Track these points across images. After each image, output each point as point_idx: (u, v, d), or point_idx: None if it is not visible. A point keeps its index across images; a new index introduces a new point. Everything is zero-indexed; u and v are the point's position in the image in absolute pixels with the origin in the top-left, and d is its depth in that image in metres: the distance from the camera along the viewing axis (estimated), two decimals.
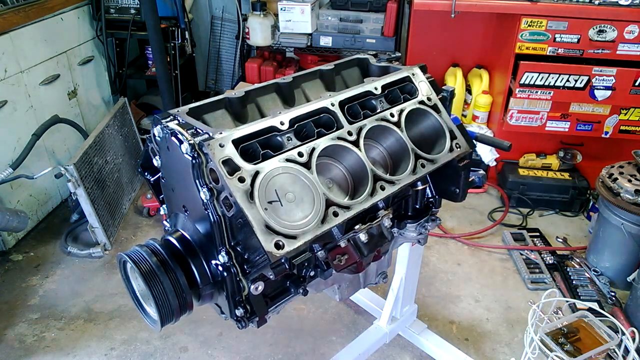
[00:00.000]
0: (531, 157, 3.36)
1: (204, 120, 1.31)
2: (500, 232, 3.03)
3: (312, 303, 2.47)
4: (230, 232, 1.13)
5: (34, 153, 2.74)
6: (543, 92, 2.99)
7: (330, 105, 1.29)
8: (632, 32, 2.78)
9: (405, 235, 1.60)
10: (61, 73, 3.12)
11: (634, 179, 2.39)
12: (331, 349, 2.24)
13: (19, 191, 2.84)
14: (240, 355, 2.22)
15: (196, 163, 1.08)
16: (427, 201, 1.57)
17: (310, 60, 3.82)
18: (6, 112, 2.70)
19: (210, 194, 1.09)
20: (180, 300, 1.17)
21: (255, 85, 1.44)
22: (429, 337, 2.17)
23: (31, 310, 2.44)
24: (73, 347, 2.25)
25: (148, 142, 1.30)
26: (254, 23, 3.52)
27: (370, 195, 1.23)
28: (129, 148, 3.40)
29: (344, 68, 1.64)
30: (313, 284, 1.39)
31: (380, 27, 3.43)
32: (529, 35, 2.89)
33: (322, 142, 1.22)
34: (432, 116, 1.45)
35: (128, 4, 3.45)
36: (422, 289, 2.55)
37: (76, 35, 3.29)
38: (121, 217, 3.10)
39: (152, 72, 3.51)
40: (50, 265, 2.74)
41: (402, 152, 1.36)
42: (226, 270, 1.14)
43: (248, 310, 1.21)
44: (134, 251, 1.19)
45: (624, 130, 3.08)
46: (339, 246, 1.27)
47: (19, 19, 2.73)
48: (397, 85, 1.47)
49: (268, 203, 1.07)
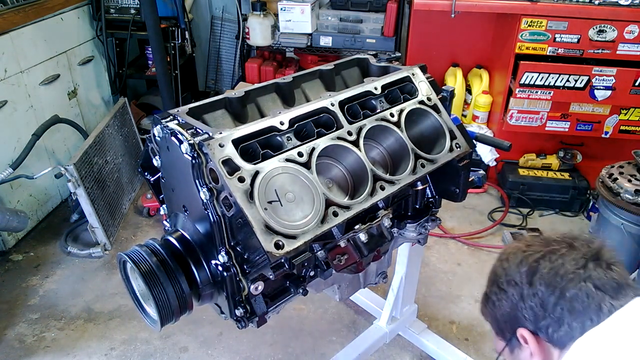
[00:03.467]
0: (531, 157, 3.36)
1: (204, 120, 1.31)
2: (500, 232, 3.03)
3: (312, 303, 2.47)
4: (230, 232, 1.13)
5: (34, 153, 2.74)
6: (543, 92, 2.99)
7: (330, 105, 1.29)
8: (632, 32, 2.78)
9: (405, 235, 1.60)
10: (61, 73, 3.12)
11: (634, 179, 2.39)
12: (331, 349, 2.24)
13: (19, 191, 2.84)
14: (240, 355, 2.22)
15: (196, 163, 1.08)
16: (427, 201, 1.57)
17: (310, 60, 3.82)
18: (6, 112, 2.69)
19: (210, 194, 1.09)
20: (180, 300, 1.17)
21: (255, 85, 1.44)
22: (429, 337, 2.17)
23: (31, 310, 2.44)
24: (73, 347, 2.25)
25: (148, 142, 1.30)
26: (254, 23, 3.52)
27: (370, 195, 1.23)
28: (129, 148, 3.40)
29: (344, 68, 1.64)
30: (313, 284, 1.39)
31: (380, 27, 3.43)
32: (529, 35, 2.88)
33: (322, 142, 1.22)
34: (432, 116, 1.45)
35: (128, 4, 3.45)
36: (422, 289, 2.55)
37: (76, 35, 3.29)
38: (121, 217, 3.10)
39: (152, 72, 3.50)
40: (50, 265, 2.74)
41: (402, 152, 1.36)
42: (226, 270, 1.14)
43: (248, 310, 1.21)
44: (133, 251, 1.19)
45: (624, 130, 3.08)
46: (338, 246, 1.27)
47: (19, 19, 2.73)
48: (397, 85, 1.47)
49: (268, 203, 1.07)
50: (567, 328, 0.91)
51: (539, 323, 0.94)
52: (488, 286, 1.07)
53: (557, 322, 0.92)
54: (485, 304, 1.08)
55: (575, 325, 0.90)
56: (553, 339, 0.93)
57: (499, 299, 1.01)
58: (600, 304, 0.90)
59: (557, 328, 0.92)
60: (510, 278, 0.99)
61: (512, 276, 0.99)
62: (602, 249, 0.96)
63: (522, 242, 1.04)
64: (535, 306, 0.94)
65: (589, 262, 0.93)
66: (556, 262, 0.95)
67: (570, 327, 0.91)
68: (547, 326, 0.93)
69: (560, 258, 0.95)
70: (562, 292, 0.92)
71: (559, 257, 0.95)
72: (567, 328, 0.91)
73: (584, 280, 0.91)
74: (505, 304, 1.00)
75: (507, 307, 1.00)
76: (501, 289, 1.01)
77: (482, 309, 1.10)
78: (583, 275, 0.92)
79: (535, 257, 0.97)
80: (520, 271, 0.98)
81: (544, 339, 0.94)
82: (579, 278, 0.92)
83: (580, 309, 0.90)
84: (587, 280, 0.91)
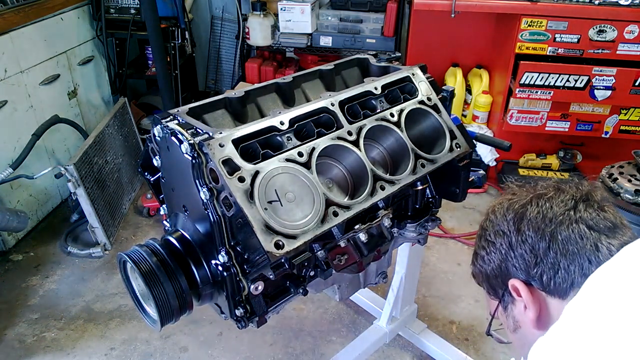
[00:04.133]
0: (531, 157, 3.36)
1: (204, 120, 1.31)
2: None
3: (312, 303, 2.47)
4: (230, 232, 1.13)
5: (34, 153, 2.74)
6: (543, 92, 2.99)
7: (330, 105, 1.29)
8: (632, 32, 2.78)
9: (405, 235, 1.60)
10: (61, 73, 3.12)
11: (634, 179, 2.39)
12: (331, 349, 2.24)
13: (19, 191, 2.84)
14: (240, 355, 2.22)
15: (196, 163, 1.08)
16: (427, 201, 1.57)
17: (310, 60, 3.82)
18: (6, 112, 2.69)
19: (210, 193, 1.09)
20: (180, 300, 1.17)
21: (255, 85, 1.44)
22: (429, 337, 2.17)
23: (31, 310, 2.44)
24: (73, 347, 2.25)
25: (148, 142, 1.30)
26: (254, 23, 3.52)
27: (370, 195, 1.23)
28: (129, 148, 3.40)
29: (344, 68, 1.64)
30: (313, 284, 1.39)
31: (380, 27, 3.43)
32: (529, 35, 2.88)
33: (322, 142, 1.22)
34: (432, 116, 1.45)
35: (128, 4, 3.45)
36: (422, 289, 2.55)
37: (76, 35, 3.29)
38: (121, 217, 3.10)
39: (152, 72, 3.51)
40: (50, 265, 2.74)
41: (402, 152, 1.36)
42: (226, 270, 1.14)
43: (248, 310, 1.21)
44: (133, 251, 1.19)
45: (624, 130, 3.08)
46: (338, 246, 1.26)
47: (19, 19, 2.73)
48: (397, 85, 1.47)
49: (268, 203, 1.07)
50: (564, 273, 0.84)
51: (532, 271, 0.87)
52: (476, 242, 1.01)
53: (552, 268, 0.85)
54: (474, 263, 1.02)
55: (572, 269, 0.83)
56: (550, 287, 0.86)
57: (488, 252, 0.95)
58: (597, 244, 0.83)
59: (553, 275, 0.85)
60: (497, 228, 0.94)
61: (499, 226, 0.93)
62: (592, 190, 0.91)
63: (508, 192, 0.98)
64: (526, 253, 0.88)
65: (579, 203, 0.88)
66: (544, 205, 0.89)
67: (568, 271, 0.84)
68: (541, 274, 0.86)
69: (548, 201, 0.89)
70: (552, 236, 0.85)
71: (546, 201, 0.90)
72: (564, 273, 0.84)
73: (575, 221, 0.85)
74: (495, 257, 0.94)
75: (496, 260, 0.93)
76: (489, 241, 0.95)
77: (472, 270, 1.04)
78: (574, 216, 0.86)
79: (521, 203, 0.92)
80: (507, 219, 0.92)
81: (538, 287, 0.87)
82: (569, 219, 0.86)
83: (575, 251, 0.84)
84: (578, 222, 0.85)
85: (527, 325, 0.90)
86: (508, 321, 0.97)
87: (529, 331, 0.90)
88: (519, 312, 0.92)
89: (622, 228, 0.87)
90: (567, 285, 0.85)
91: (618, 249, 0.83)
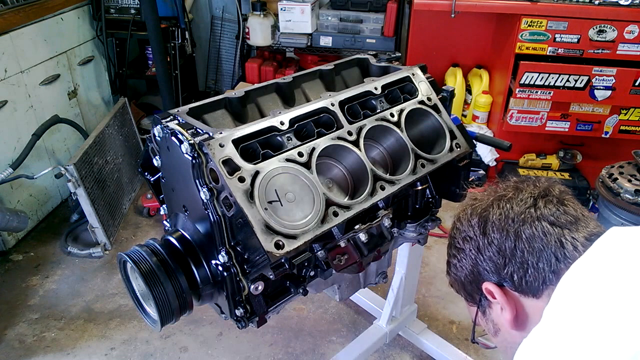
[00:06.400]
0: (531, 157, 3.36)
1: (204, 120, 1.31)
2: None
3: (312, 303, 2.47)
4: (230, 232, 1.13)
5: (34, 153, 2.74)
6: (543, 92, 2.99)
7: (330, 105, 1.29)
8: (632, 32, 2.78)
9: (405, 235, 1.60)
10: (61, 73, 3.12)
11: (634, 179, 2.39)
12: (331, 349, 2.24)
13: (19, 191, 2.84)
14: (240, 355, 2.22)
15: (196, 163, 1.08)
16: (427, 201, 1.57)
17: (310, 60, 3.82)
18: (6, 112, 2.69)
19: (210, 193, 1.09)
20: (180, 300, 1.17)
21: (255, 85, 1.44)
22: (429, 337, 2.17)
23: (31, 310, 2.44)
24: (73, 347, 2.25)
25: (148, 142, 1.30)
26: (254, 23, 3.52)
27: (370, 195, 1.23)
28: (129, 148, 3.40)
29: (344, 68, 1.64)
30: (313, 284, 1.39)
31: (380, 27, 3.43)
32: (529, 35, 2.88)
33: (322, 142, 1.22)
34: (432, 116, 1.45)
35: (128, 4, 3.45)
36: (422, 289, 2.55)
37: (76, 35, 3.29)
38: (121, 217, 3.10)
39: (152, 72, 3.51)
40: (50, 265, 2.74)
41: (402, 152, 1.36)
42: (226, 270, 1.14)
43: (248, 310, 1.21)
44: (134, 251, 1.19)
45: (624, 130, 3.08)
46: (339, 246, 1.26)
47: (19, 19, 2.73)
48: (397, 85, 1.47)
49: (268, 203, 1.07)
50: (534, 271, 0.85)
51: (502, 272, 0.89)
52: (447, 252, 1.02)
53: (521, 267, 0.86)
54: (449, 272, 1.03)
55: (541, 267, 0.85)
56: (522, 287, 0.87)
57: (459, 259, 0.97)
58: (561, 240, 0.85)
59: (523, 274, 0.86)
60: (464, 235, 0.95)
61: (465, 232, 0.95)
62: (550, 186, 0.92)
63: (470, 198, 1.00)
64: (494, 255, 0.89)
65: (538, 200, 0.89)
66: (505, 206, 0.91)
67: (537, 269, 0.85)
68: (511, 274, 0.87)
69: (508, 202, 0.91)
70: (517, 235, 0.87)
71: (506, 202, 0.91)
72: (533, 271, 0.85)
73: (536, 219, 0.87)
74: (466, 263, 0.95)
75: (468, 265, 0.95)
76: (458, 248, 0.97)
77: (449, 280, 1.05)
78: (534, 214, 0.87)
79: (483, 207, 0.94)
80: (472, 224, 0.94)
81: (511, 288, 0.89)
82: (530, 217, 0.87)
83: (540, 248, 0.85)
84: (540, 219, 0.87)
85: (505, 326, 0.91)
86: (488, 325, 0.98)
87: (508, 332, 0.91)
88: (497, 315, 0.93)
89: (584, 219, 0.88)
90: (538, 284, 0.86)
91: (583, 242, 0.84)
